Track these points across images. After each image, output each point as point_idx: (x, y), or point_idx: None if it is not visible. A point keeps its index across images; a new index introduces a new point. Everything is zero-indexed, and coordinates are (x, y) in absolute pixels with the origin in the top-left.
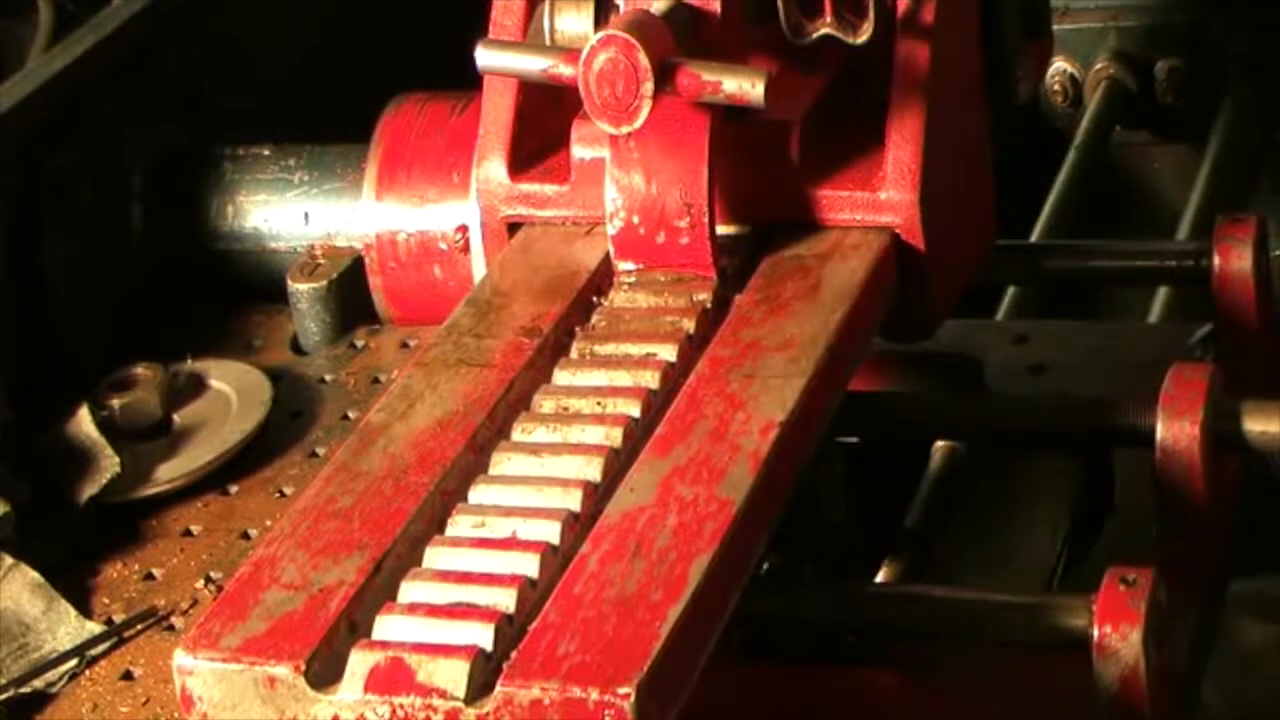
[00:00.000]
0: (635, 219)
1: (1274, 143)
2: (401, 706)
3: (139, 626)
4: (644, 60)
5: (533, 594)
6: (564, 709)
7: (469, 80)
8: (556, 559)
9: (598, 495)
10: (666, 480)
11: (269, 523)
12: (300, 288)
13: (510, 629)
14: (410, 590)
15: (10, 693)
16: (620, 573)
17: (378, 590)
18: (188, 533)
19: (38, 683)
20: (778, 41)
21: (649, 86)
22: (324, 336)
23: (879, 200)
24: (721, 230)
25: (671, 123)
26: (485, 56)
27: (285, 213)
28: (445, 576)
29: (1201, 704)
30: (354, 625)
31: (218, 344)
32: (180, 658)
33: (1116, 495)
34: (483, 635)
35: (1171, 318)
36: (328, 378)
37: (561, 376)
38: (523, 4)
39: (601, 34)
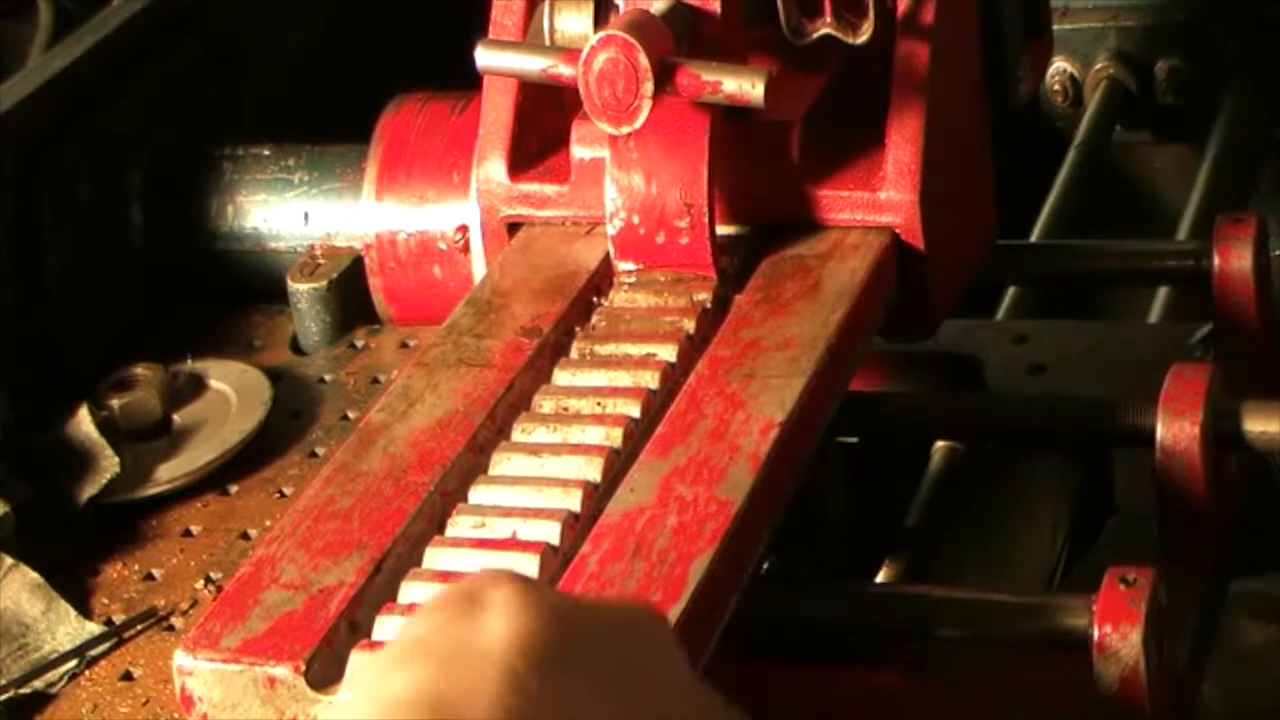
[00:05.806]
0: (635, 219)
1: (1274, 143)
2: None
3: (139, 627)
4: (644, 60)
5: None
6: None
7: (469, 80)
8: (556, 559)
9: (598, 495)
10: (666, 480)
11: (269, 523)
12: (300, 288)
13: None
14: (410, 590)
15: (10, 693)
16: (620, 573)
17: (378, 590)
18: (188, 533)
19: (38, 683)
20: (778, 41)
21: (649, 86)
22: (324, 336)
23: (879, 200)
24: (721, 230)
25: (671, 123)
26: (485, 56)
27: (285, 213)
28: (445, 577)
29: (1201, 704)
30: (354, 625)
31: (218, 344)
32: (180, 658)
33: (1116, 495)
34: None
35: (1171, 318)
36: (328, 378)
37: (561, 376)
38: (523, 4)
39: (601, 34)
